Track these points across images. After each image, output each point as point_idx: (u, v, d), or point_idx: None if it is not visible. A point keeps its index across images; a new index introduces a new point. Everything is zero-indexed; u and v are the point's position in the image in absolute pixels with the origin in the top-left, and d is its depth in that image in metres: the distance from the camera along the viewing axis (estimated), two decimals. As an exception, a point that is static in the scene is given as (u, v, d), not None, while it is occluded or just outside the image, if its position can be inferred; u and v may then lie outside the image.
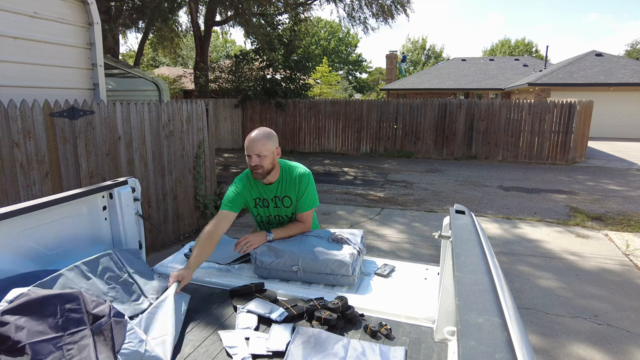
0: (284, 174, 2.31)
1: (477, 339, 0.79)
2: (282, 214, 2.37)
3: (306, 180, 2.31)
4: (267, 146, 2.17)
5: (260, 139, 2.17)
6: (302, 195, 2.30)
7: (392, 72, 29.08)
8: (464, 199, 7.47)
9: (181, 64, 34.79)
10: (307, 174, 2.34)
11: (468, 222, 1.61)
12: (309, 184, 2.31)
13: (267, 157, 2.18)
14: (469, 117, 12.05)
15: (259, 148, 2.16)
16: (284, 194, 2.32)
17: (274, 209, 2.36)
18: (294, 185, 2.30)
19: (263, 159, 2.17)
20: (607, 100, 18.99)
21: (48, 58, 4.12)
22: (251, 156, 2.17)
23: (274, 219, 2.40)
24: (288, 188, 2.31)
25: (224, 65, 15.08)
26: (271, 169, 2.23)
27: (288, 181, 2.31)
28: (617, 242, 5.20)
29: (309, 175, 2.34)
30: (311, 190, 2.33)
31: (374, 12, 15.72)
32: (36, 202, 1.84)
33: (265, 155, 2.17)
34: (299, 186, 2.30)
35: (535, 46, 46.19)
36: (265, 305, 1.77)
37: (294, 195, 2.31)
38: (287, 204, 2.33)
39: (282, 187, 2.31)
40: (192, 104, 5.44)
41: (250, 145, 2.17)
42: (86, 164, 3.95)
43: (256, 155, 2.16)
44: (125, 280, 1.91)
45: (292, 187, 2.30)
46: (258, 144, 2.16)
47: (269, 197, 2.33)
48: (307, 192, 2.31)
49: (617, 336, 3.16)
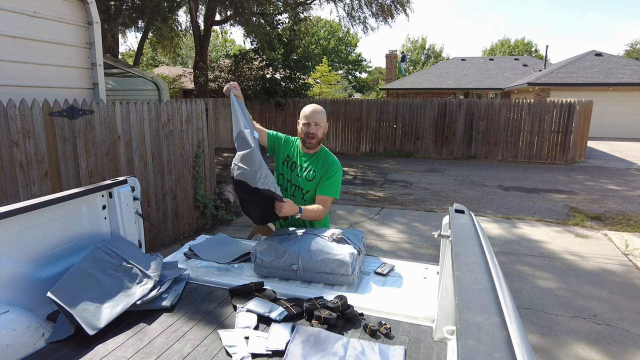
0: (321, 153, 2.52)
1: (477, 338, 0.79)
2: (299, 185, 2.49)
3: (336, 168, 2.48)
4: (324, 118, 2.48)
5: (320, 111, 2.46)
6: (328, 179, 2.45)
7: (392, 71, 29.08)
8: (464, 198, 7.48)
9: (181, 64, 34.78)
10: (339, 165, 2.52)
11: (467, 221, 1.61)
12: (337, 172, 2.48)
13: (322, 127, 2.46)
14: (469, 117, 12.05)
15: (319, 117, 2.44)
16: (311, 167, 2.47)
17: (295, 177, 2.50)
18: (324, 165, 2.47)
19: (319, 129, 2.44)
20: (606, 100, 19.00)
21: (47, 57, 4.12)
22: (310, 124, 2.42)
23: (290, 187, 2.52)
24: (318, 164, 2.48)
25: (224, 65, 15.07)
26: (321, 140, 2.49)
27: (321, 159, 2.49)
28: (616, 242, 5.21)
29: (340, 167, 2.52)
30: (337, 179, 2.49)
31: (373, 11, 15.71)
32: (35, 201, 1.84)
33: (322, 125, 2.46)
34: (328, 168, 2.46)
35: (535, 46, 46.25)
36: (265, 304, 1.77)
37: (320, 174, 2.46)
38: (309, 177, 2.46)
39: (314, 162, 2.48)
40: (191, 104, 5.44)
41: (312, 114, 2.43)
42: (86, 164, 3.95)
43: (315, 123, 2.42)
44: (125, 267, 1.93)
45: (322, 166, 2.47)
46: (319, 115, 2.44)
47: (297, 162, 2.51)
48: (334, 177, 2.46)
49: (616, 336, 3.16)
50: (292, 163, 2.52)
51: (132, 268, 1.94)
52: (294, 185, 2.50)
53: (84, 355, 1.50)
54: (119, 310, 1.71)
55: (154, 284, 1.89)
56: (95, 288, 1.77)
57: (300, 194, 2.49)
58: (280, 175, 2.55)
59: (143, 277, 1.91)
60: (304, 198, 2.49)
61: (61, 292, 1.66)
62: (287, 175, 2.53)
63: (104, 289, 1.78)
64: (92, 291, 1.75)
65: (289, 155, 2.54)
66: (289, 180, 2.52)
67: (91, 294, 1.73)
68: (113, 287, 1.81)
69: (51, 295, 1.62)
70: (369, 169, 10.68)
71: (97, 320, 1.63)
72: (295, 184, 2.50)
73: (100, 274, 1.85)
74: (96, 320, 1.63)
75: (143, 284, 1.88)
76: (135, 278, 1.90)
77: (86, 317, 1.62)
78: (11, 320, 1.55)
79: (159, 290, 1.87)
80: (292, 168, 2.51)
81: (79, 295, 1.69)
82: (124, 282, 1.85)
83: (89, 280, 1.79)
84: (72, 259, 1.96)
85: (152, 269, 1.96)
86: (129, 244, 2.14)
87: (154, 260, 2.03)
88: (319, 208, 2.42)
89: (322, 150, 2.53)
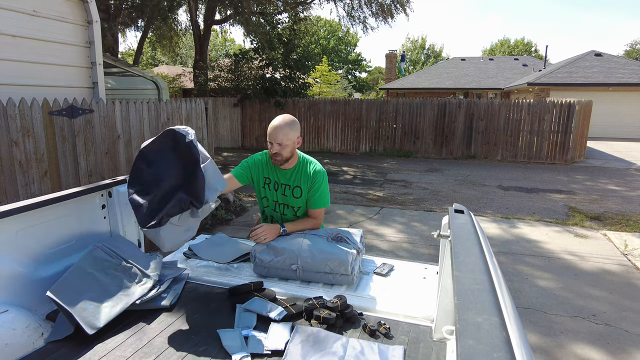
0: (300, 165, 2.34)
1: (476, 338, 0.79)
2: (288, 203, 2.36)
3: (320, 178, 2.32)
4: (289, 135, 2.20)
5: (283, 127, 2.19)
6: (315, 192, 2.32)
7: (392, 71, 29.08)
8: (463, 198, 7.48)
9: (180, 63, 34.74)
10: (323, 172, 2.35)
11: (467, 221, 1.61)
12: (322, 181, 2.33)
13: (287, 146, 2.21)
14: (469, 117, 12.05)
15: (281, 137, 2.18)
16: (295, 183, 2.32)
17: (282, 196, 2.36)
18: (307, 178, 2.31)
19: (283, 148, 2.20)
20: (606, 100, 19.00)
21: (47, 56, 4.11)
22: (272, 144, 2.20)
23: (279, 207, 2.39)
24: (301, 179, 2.32)
25: (224, 64, 15.06)
26: (289, 157, 2.26)
27: (303, 173, 2.32)
28: (615, 242, 5.21)
29: (324, 174, 2.36)
30: (324, 188, 2.35)
31: (373, 11, 15.71)
32: (35, 200, 1.84)
33: (287, 144, 2.20)
34: (312, 181, 2.31)
35: (535, 46, 46.25)
36: (264, 304, 1.77)
37: (306, 189, 2.32)
38: (297, 194, 2.33)
39: (295, 177, 2.33)
40: (191, 103, 5.44)
41: (273, 133, 2.19)
42: (85, 163, 3.94)
43: (277, 143, 2.19)
44: (124, 267, 1.94)
45: (305, 180, 2.31)
46: (280, 133, 2.18)
47: (279, 180, 2.35)
48: (321, 189, 2.33)
49: (616, 336, 3.16)
50: (275, 183, 2.35)
51: (132, 267, 1.94)
52: (282, 204, 2.37)
53: (84, 355, 1.49)
54: (119, 310, 1.71)
55: (154, 283, 1.89)
56: (95, 287, 1.77)
57: (292, 211, 2.37)
58: (264, 199, 2.40)
59: (142, 276, 1.91)
60: (296, 215, 2.38)
61: (61, 291, 1.66)
62: (272, 196, 2.37)
63: (103, 288, 1.78)
64: (92, 290, 1.74)
65: (267, 177, 2.36)
66: (276, 201, 2.38)
67: (90, 294, 1.72)
68: (112, 286, 1.81)
69: (50, 294, 1.62)
70: (369, 169, 10.68)
71: (96, 320, 1.63)
72: (283, 202, 2.37)
73: (100, 273, 1.85)
74: (95, 319, 1.63)
75: (142, 283, 1.88)
76: (135, 277, 1.90)
77: (85, 316, 1.62)
78: (10, 320, 1.55)
79: (158, 289, 1.87)
80: (276, 188, 2.35)
81: (78, 295, 1.69)
82: (124, 281, 1.85)
83: (88, 280, 1.79)
84: (72, 258, 1.95)
85: (152, 269, 1.96)
86: (128, 244, 2.14)
87: (154, 260, 2.03)
88: (310, 220, 2.34)
89: (299, 162, 2.34)
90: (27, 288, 1.77)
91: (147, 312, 1.78)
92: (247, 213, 6.41)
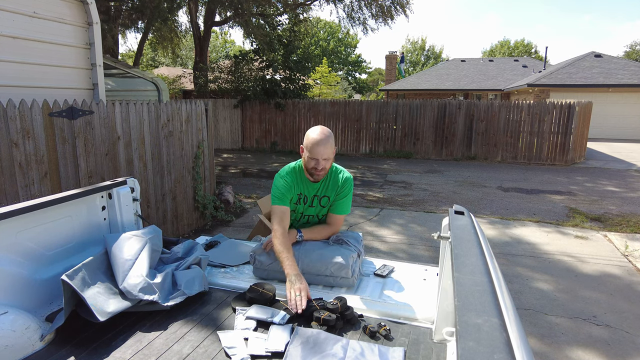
0: (331, 174, 2.30)
1: (476, 340, 0.79)
2: (314, 213, 2.34)
3: (349, 185, 2.30)
4: (332, 148, 2.15)
5: (328, 141, 2.10)
6: (342, 198, 2.30)
7: (392, 72, 29.11)
8: (463, 199, 7.48)
9: (180, 64, 34.78)
10: (351, 180, 2.32)
11: (467, 222, 1.61)
12: (350, 189, 2.31)
13: (331, 159, 2.17)
14: (468, 118, 12.06)
15: (328, 152, 2.12)
16: (324, 193, 2.30)
17: (310, 208, 2.32)
18: (336, 186, 2.28)
19: (328, 162, 2.15)
20: (606, 101, 19.01)
21: (47, 58, 4.12)
22: (319, 160, 2.11)
23: (304, 218, 2.37)
24: (330, 188, 2.29)
25: (224, 66, 15.08)
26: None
27: (332, 182, 2.29)
28: (615, 243, 5.21)
29: (352, 182, 2.33)
30: (350, 196, 2.33)
31: (373, 12, 15.73)
32: (35, 202, 1.84)
33: (331, 158, 2.16)
34: (341, 188, 2.28)
35: (535, 47, 46.29)
36: (266, 311, 1.75)
37: (333, 196, 2.30)
38: (324, 204, 2.31)
39: (324, 187, 2.29)
40: (191, 104, 5.44)
41: (319, 149, 2.09)
42: (85, 164, 3.94)
43: (324, 159, 2.12)
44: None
45: (334, 188, 2.28)
46: (328, 148, 2.11)
47: (309, 194, 2.30)
48: (347, 196, 2.31)
49: (616, 337, 3.16)
50: (305, 197, 2.30)
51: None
52: (308, 215, 2.35)
53: (83, 356, 1.49)
54: (126, 305, 1.73)
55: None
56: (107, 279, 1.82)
57: (315, 219, 2.36)
58: (292, 212, 2.31)
59: None
60: (319, 219, 2.37)
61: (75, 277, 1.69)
62: (301, 209, 2.33)
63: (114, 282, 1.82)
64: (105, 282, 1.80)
65: (300, 193, 2.29)
66: (302, 213, 2.34)
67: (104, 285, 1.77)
68: None
69: (65, 278, 1.63)
70: (369, 170, 10.68)
71: (107, 307, 1.66)
72: (310, 214, 2.34)
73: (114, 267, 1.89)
74: (106, 306, 1.66)
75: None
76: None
77: (97, 303, 1.64)
78: (10, 321, 1.55)
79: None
80: (305, 201, 2.30)
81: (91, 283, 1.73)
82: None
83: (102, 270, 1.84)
84: (72, 260, 1.95)
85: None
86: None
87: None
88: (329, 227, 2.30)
89: (330, 171, 2.29)
90: (26, 290, 1.77)
91: (147, 313, 1.78)
92: (247, 214, 6.41)
